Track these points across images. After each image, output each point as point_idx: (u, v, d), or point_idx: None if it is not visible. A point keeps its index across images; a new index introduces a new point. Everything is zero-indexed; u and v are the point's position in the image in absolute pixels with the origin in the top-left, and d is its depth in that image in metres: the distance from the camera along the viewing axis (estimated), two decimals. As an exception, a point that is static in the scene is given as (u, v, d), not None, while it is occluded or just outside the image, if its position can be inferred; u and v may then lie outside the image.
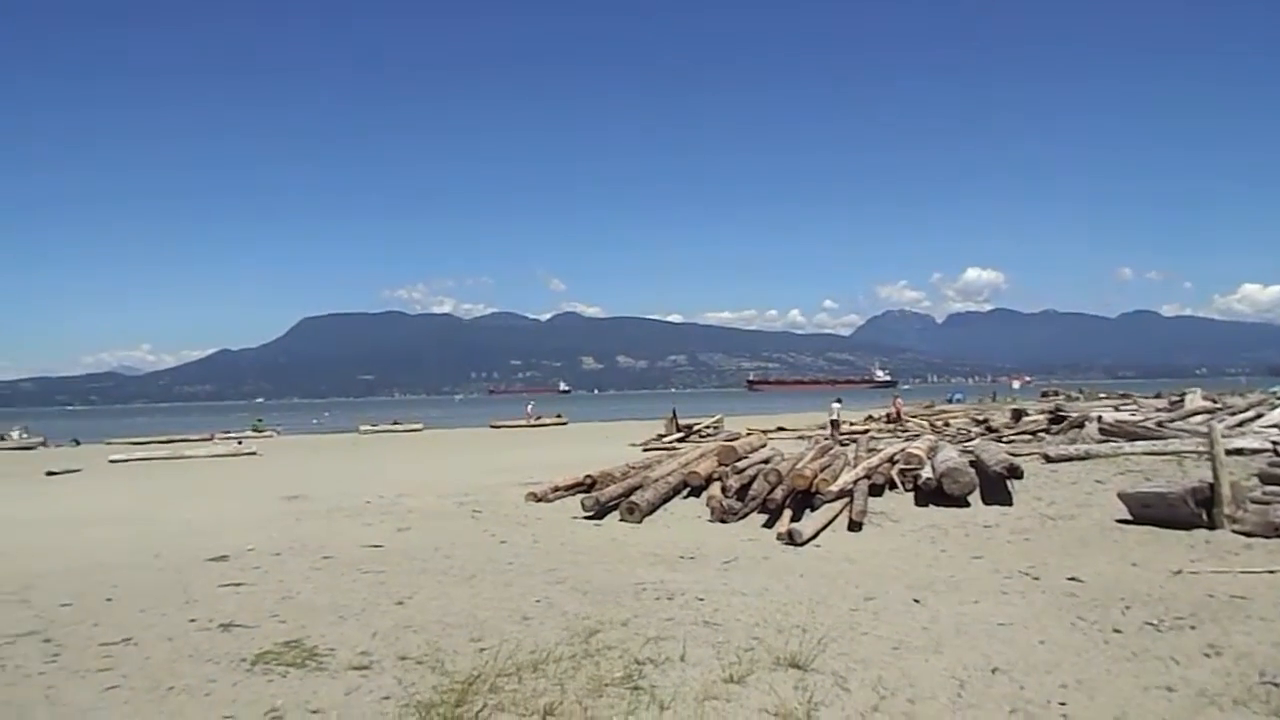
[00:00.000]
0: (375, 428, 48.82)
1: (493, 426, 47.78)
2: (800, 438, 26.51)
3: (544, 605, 7.00)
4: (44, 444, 43.20)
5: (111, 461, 28.03)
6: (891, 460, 14.52)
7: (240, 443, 35.83)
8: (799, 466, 13.23)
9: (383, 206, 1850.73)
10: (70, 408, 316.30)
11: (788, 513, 11.77)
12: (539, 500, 13.70)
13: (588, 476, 14.36)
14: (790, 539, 10.23)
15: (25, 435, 45.72)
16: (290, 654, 5.66)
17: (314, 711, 4.66)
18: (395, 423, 52.31)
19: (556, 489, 14.11)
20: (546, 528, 11.34)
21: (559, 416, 55.02)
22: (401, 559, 9.14)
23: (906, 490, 13.25)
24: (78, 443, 44.21)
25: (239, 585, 7.93)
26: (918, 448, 15.26)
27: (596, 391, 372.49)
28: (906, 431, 26.18)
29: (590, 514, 12.36)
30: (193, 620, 6.66)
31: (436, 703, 4.63)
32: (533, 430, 45.95)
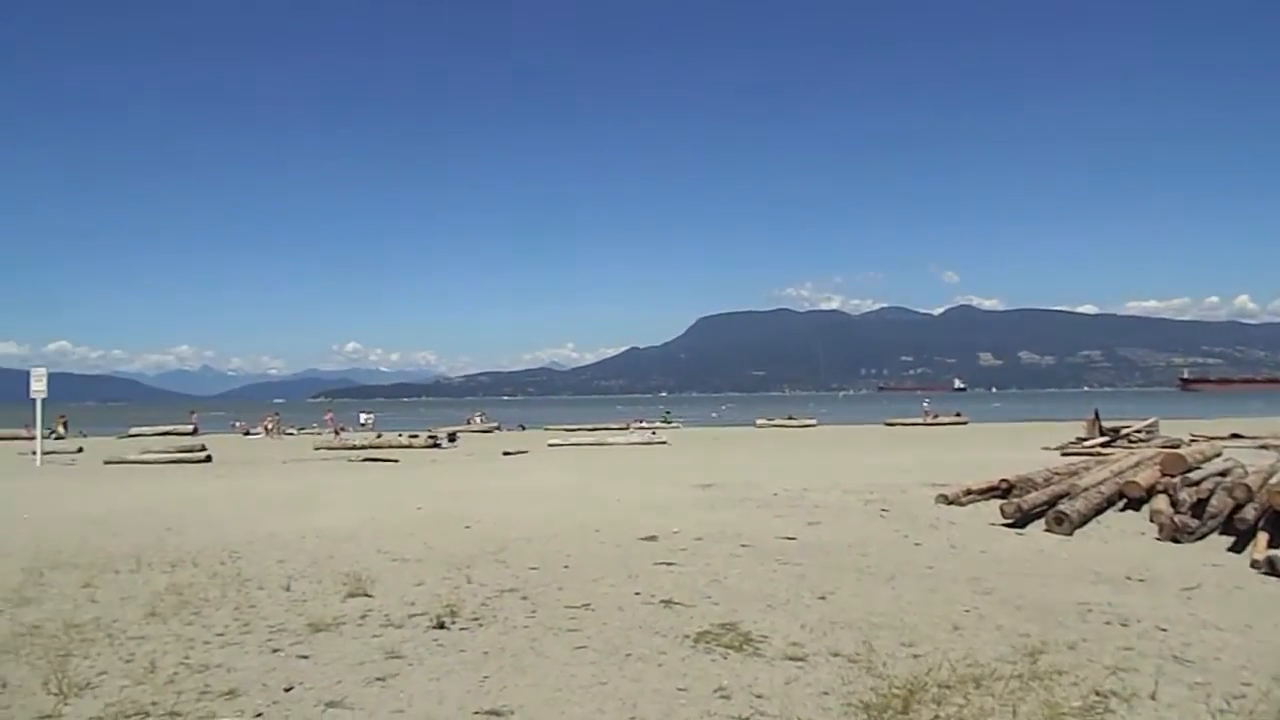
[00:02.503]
0: (771, 422, 50.37)
1: (888, 425, 46.78)
2: (1263, 447, 22.40)
3: (974, 616, 6.62)
4: (498, 428, 51.04)
5: (550, 445, 32.09)
6: None
7: (654, 432, 38.98)
8: (1274, 481, 11.10)
9: (771, 209, 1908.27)
10: (509, 398, 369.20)
11: (1263, 536, 9.89)
12: (950, 503, 13.06)
13: (1003, 480, 13.35)
14: (1271, 568, 8.59)
15: (484, 420, 54.55)
16: (727, 636, 5.97)
17: (757, 696, 4.84)
18: (790, 418, 53.46)
19: (969, 492, 13.33)
20: (962, 533, 10.75)
21: (958, 415, 52.21)
22: (816, 553, 9.24)
23: None
24: (523, 428, 51.43)
25: (671, 565, 8.57)
26: None
27: (994, 390, 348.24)
28: None
29: (1010, 521, 11.49)
30: (637, 594, 7.33)
31: (881, 706, 4.56)
32: (930, 429, 44.17)
